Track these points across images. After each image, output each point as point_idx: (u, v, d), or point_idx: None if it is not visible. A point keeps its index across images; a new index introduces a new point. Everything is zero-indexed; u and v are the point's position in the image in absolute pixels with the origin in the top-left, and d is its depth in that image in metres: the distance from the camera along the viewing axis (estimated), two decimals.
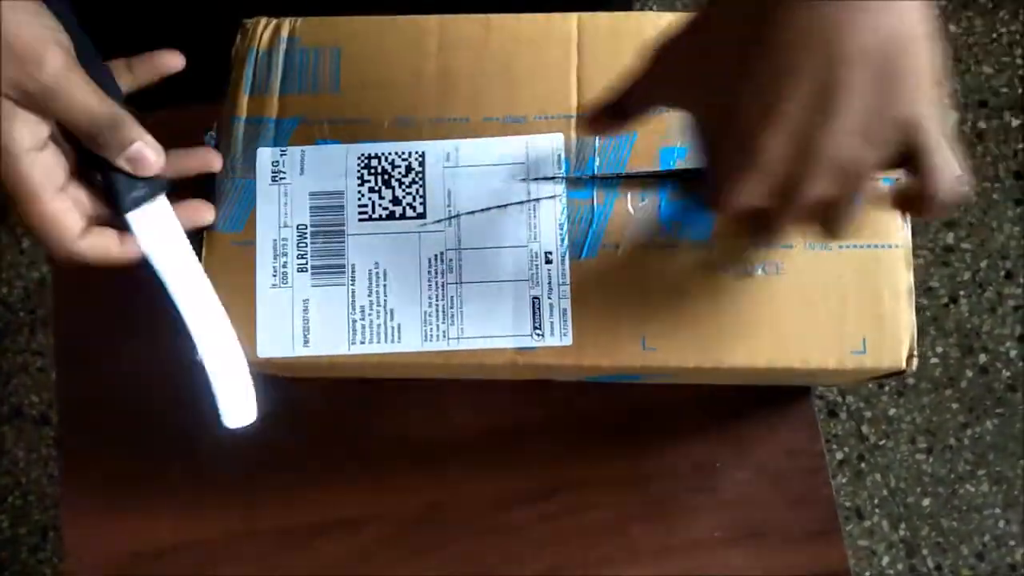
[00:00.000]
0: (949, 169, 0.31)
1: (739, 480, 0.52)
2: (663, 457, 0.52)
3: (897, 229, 0.39)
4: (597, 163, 0.40)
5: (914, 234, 0.40)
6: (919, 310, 1.18)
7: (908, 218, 0.39)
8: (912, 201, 0.33)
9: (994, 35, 1.28)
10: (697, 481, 0.52)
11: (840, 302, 0.39)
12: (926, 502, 1.17)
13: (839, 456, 1.18)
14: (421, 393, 0.53)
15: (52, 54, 0.35)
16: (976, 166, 1.23)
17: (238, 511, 0.52)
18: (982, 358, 1.20)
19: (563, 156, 0.40)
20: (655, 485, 0.52)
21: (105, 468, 0.52)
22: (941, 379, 1.19)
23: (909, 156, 0.31)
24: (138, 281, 0.53)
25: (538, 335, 0.39)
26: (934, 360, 1.20)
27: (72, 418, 0.53)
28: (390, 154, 0.40)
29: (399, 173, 0.40)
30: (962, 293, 1.21)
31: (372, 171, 0.41)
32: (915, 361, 0.39)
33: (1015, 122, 1.25)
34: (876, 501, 1.17)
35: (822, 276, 0.39)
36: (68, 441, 0.53)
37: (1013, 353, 1.20)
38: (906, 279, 0.39)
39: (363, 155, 0.41)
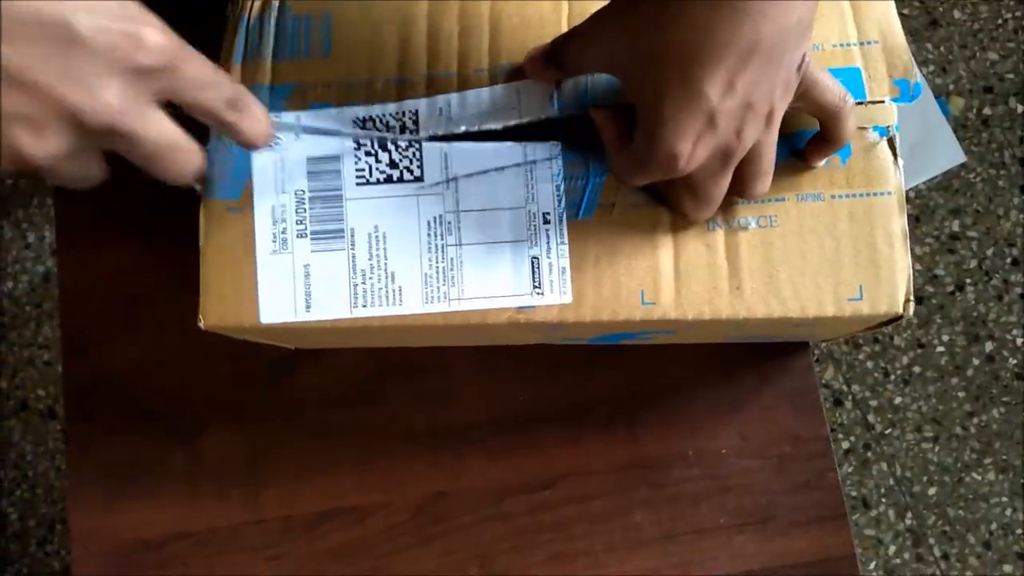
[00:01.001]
0: (836, 84, 0.36)
1: (745, 466, 0.52)
2: (667, 444, 0.52)
3: (890, 175, 0.40)
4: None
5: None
6: (925, 298, 1.19)
7: (900, 164, 0.40)
8: (827, 134, 0.37)
9: (999, 21, 1.27)
10: (702, 468, 0.52)
11: (835, 251, 0.39)
12: (932, 491, 1.17)
13: (845, 445, 1.18)
14: (426, 382, 0.53)
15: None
16: (981, 153, 1.23)
17: (243, 500, 0.52)
18: (988, 346, 1.19)
19: (556, 98, 0.40)
20: (659, 472, 0.52)
21: (111, 457, 0.53)
22: (947, 367, 1.19)
23: (800, 92, 0.35)
24: (142, 272, 0.54)
25: (538, 293, 0.40)
26: (940, 348, 1.19)
27: (78, 408, 0.53)
28: (384, 115, 0.40)
29: (394, 134, 0.40)
30: (968, 281, 1.21)
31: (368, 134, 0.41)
32: (912, 306, 0.39)
33: (1020, 108, 1.25)
34: (882, 490, 1.17)
35: (816, 226, 0.39)
36: (74, 431, 0.53)
37: (1020, 341, 1.19)
38: (900, 224, 0.39)
39: (358, 118, 0.41)
